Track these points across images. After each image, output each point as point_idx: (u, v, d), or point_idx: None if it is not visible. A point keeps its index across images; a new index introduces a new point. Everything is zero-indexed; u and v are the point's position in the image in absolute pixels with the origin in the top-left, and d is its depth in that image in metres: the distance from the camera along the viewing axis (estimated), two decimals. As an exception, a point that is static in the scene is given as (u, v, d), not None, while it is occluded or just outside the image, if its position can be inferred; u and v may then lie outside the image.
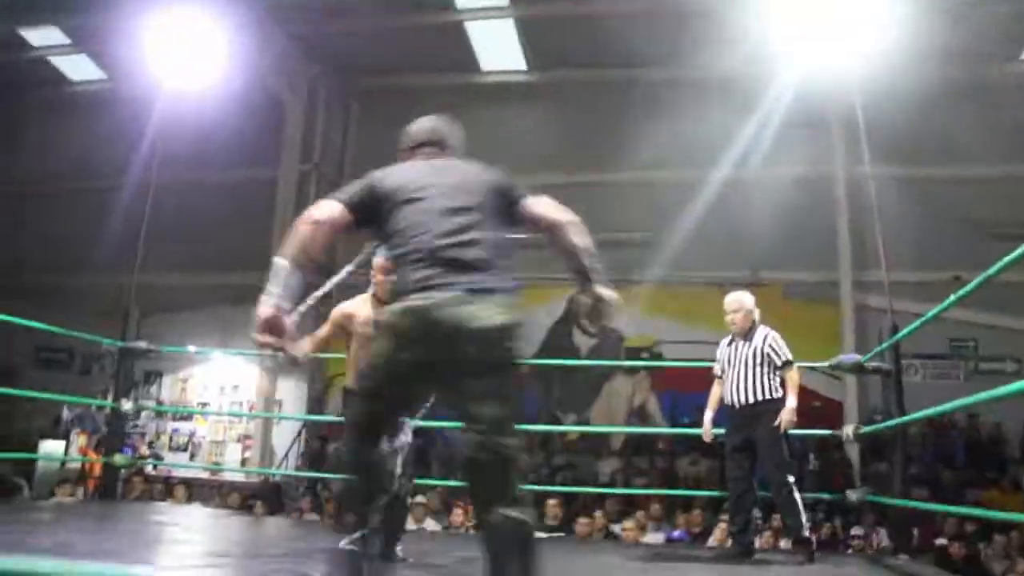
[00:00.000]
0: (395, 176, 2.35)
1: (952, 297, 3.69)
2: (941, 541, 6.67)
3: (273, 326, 2.12)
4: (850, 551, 6.27)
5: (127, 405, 5.70)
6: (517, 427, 2.04)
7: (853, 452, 9.61)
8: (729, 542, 4.85)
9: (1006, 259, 2.98)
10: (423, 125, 2.62)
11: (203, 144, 11.57)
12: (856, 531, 6.63)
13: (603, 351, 11.43)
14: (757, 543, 5.89)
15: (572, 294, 11.95)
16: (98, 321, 6.80)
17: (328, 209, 2.25)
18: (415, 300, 2.09)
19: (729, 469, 4.53)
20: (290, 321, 2.15)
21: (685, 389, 9.77)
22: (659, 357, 11.18)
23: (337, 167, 12.77)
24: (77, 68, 13.18)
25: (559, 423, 11.04)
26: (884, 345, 5.04)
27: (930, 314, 4.17)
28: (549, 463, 10.05)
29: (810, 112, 10.40)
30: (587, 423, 11.23)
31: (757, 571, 4.07)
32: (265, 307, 2.11)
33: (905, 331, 4.73)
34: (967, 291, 3.48)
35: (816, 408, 8.91)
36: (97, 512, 5.33)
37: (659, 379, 11.26)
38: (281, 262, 2.16)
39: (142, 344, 5.82)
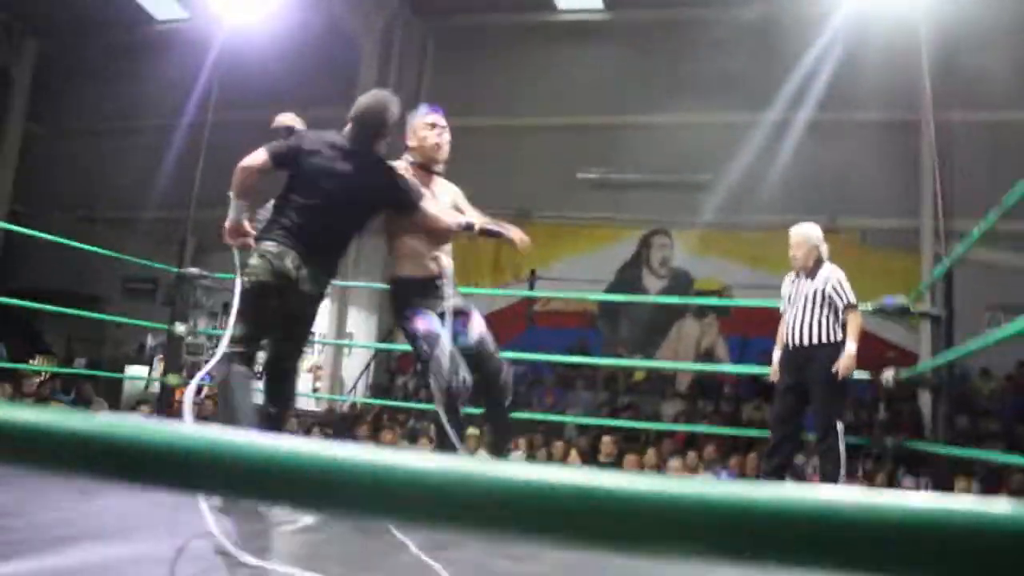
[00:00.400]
0: (316, 145, 3.08)
1: (974, 233, 3.62)
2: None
3: (235, 231, 3.07)
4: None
5: (180, 328, 5.95)
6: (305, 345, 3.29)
7: (925, 403, 9.41)
8: None
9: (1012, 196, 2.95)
10: (366, 103, 3.17)
11: (278, 83, 11.72)
12: (908, 482, 6.52)
13: (672, 293, 11.39)
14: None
15: (644, 234, 11.91)
16: (175, 252, 7.05)
17: (255, 158, 3.01)
18: (269, 247, 2.97)
19: (775, 410, 4.38)
20: (248, 228, 3.09)
21: (753, 334, 9.68)
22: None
23: (411, 106, 12.80)
24: (159, 6, 13.39)
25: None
26: (921, 287, 4.89)
27: (948, 261, 4.08)
28: (613, 403, 10.13)
29: (894, 52, 9.95)
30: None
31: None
32: (228, 221, 3.07)
33: (937, 272, 4.57)
34: (988, 226, 3.50)
35: (891, 359, 8.71)
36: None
37: (727, 324, 11.16)
38: (231, 196, 3.05)
39: (195, 270, 6.09)
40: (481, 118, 12.35)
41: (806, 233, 4.37)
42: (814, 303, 4.23)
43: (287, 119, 3.20)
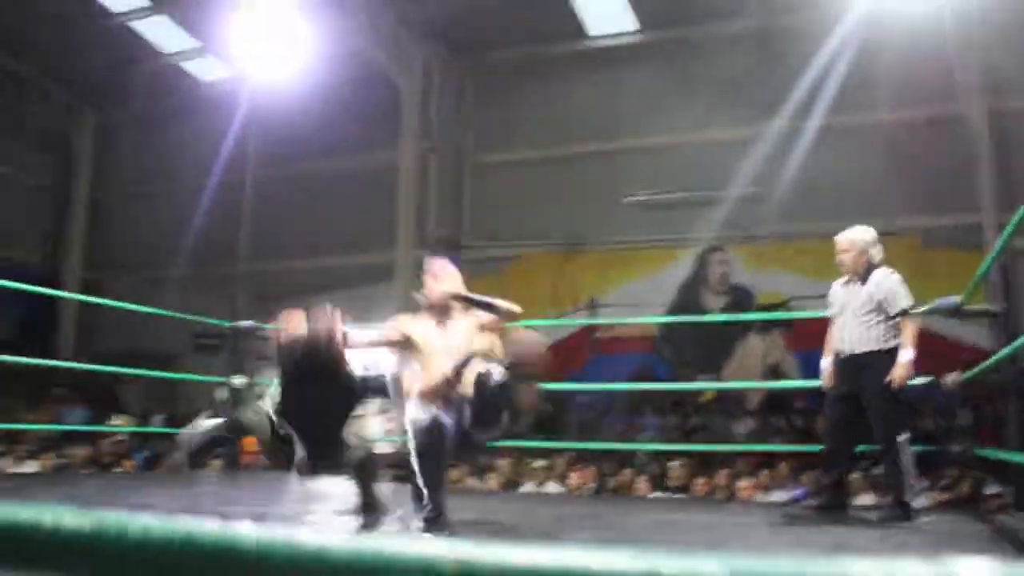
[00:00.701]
0: (291, 370, 3.31)
1: (1008, 227, 3.51)
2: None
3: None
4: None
5: (238, 381, 6.08)
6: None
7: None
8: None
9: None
10: (305, 344, 3.28)
11: (321, 133, 12.07)
12: (992, 490, 6.22)
13: (733, 310, 11.21)
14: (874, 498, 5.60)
15: (702, 252, 11.72)
16: (252, 306, 7.24)
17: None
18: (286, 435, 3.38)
19: (827, 420, 4.23)
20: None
21: (820, 346, 9.43)
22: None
23: (455, 145, 12.94)
24: (204, 69, 13.82)
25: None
26: (970, 284, 4.73)
27: (996, 250, 3.93)
28: (683, 426, 9.97)
29: (938, 46, 9.75)
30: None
31: (828, 527, 3.75)
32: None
33: (983, 267, 4.41)
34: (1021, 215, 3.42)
35: (967, 362, 8.40)
36: (227, 479, 5.76)
37: (793, 338, 10.90)
38: None
39: (247, 323, 6.25)
40: (524, 151, 12.46)
41: (852, 237, 4.24)
42: (866, 309, 4.08)
43: (288, 334, 3.34)
